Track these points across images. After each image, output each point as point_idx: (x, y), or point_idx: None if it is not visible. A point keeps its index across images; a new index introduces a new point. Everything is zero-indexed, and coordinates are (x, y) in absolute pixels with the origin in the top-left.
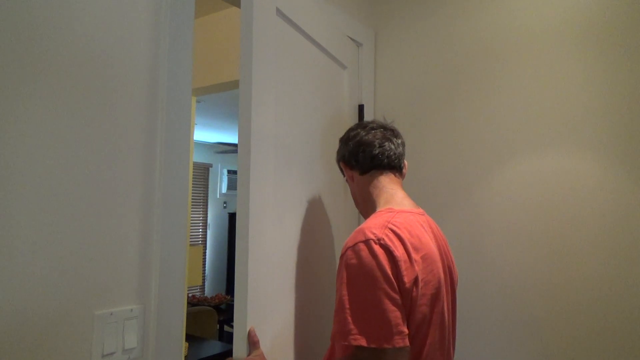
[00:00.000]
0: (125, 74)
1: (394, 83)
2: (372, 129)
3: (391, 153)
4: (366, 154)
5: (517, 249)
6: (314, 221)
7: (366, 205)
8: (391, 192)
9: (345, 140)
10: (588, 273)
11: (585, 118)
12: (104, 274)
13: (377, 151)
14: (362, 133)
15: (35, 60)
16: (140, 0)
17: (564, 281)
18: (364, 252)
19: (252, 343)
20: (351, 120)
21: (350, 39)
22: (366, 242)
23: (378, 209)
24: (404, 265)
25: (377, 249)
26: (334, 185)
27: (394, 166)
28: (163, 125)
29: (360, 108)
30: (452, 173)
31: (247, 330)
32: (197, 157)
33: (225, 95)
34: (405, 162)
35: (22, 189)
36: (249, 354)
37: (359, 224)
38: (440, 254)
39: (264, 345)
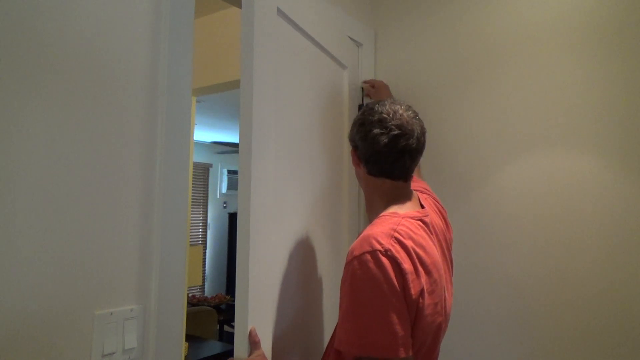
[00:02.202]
0: (125, 74)
1: (394, 83)
2: (395, 137)
3: (403, 169)
4: (378, 165)
5: (517, 246)
6: (315, 220)
7: (369, 199)
8: (394, 195)
9: (362, 135)
10: (587, 269)
11: (587, 116)
12: (104, 274)
13: (390, 166)
14: (382, 140)
15: (34, 61)
16: (140, 0)
17: (563, 277)
18: (371, 263)
19: (253, 343)
20: (351, 120)
21: (351, 38)
22: (373, 252)
23: (383, 212)
24: (410, 277)
25: (385, 260)
26: (335, 184)
27: (403, 178)
28: (163, 125)
29: (361, 108)
30: (453, 172)
31: (248, 330)
32: (197, 157)
33: (225, 95)
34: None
35: (22, 189)
36: (249, 354)
37: (359, 223)
38: (444, 255)
39: (265, 346)
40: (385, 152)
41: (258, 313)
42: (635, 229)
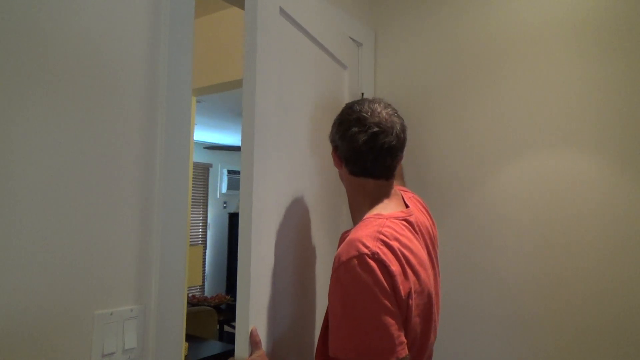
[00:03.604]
0: (125, 74)
1: (394, 83)
2: (374, 135)
3: (384, 167)
4: (358, 164)
5: (517, 247)
6: (318, 222)
7: (352, 199)
8: (377, 195)
9: (341, 134)
10: (587, 269)
11: (586, 117)
12: (104, 274)
13: (371, 165)
14: (361, 138)
15: (34, 61)
16: (140, 0)
17: (563, 277)
18: (359, 268)
19: (254, 343)
20: None
21: (351, 38)
22: (360, 257)
23: (367, 214)
24: (399, 278)
25: (372, 263)
26: (335, 184)
27: (385, 176)
28: (163, 125)
29: None
30: (453, 172)
31: (249, 330)
32: (197, 157)
33: (225, 95)
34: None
35: (22, 189)
36: (250, 354)
37: None
38: (429, 254)
39: (266, 346)
40: (365, 151)
41: (259, 313)
42: (635, 230)
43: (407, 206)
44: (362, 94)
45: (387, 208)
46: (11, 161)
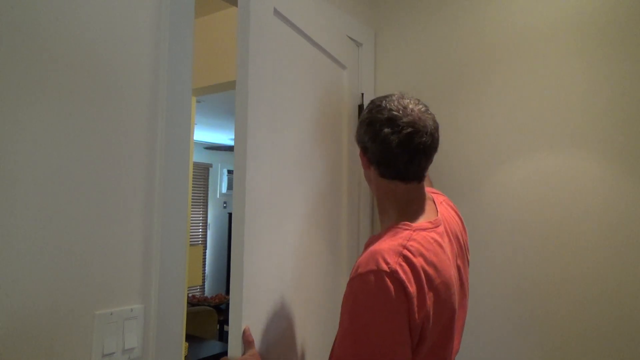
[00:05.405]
0: (126, 74)
1: (395, 83)
2: (408, 136)
3: (418, 169)
4: (391, 167)
5: (518, 247)
6: (313, 222)
7: (381, 203)
8: (408, 199)
9: (371, 135)
10: (589, 270)
11: (589, 117)
12: (104, 274)
13: (404, 167)
14: (393, 140)
15: (36, 62)
16: (141, 0)
17: (565, 278)
18: (374, 284)
19: (247, 342)
20: (351, 121)
21: (350, 38)
22: (377, 273)
23: (394, 221)
24: (416, 301)
25: (389, 283)
26: (333, 186)
27: (417, 178)
28: (163, 125)
29: (360, 109)
30: (453, 173)
31: (242, 329)
32: (197, 157)
33: (225, 95)
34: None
35: (23, 188)
36: (243, 354)
37: (359, 225)
38: (458, 268)
39: (259, 345)
40: (398, 153)
41: (252, 312)
42: (638, 230)
43: (437, 212)
44: (362, 94)
45: (417, 216)
46: (13, 162)
